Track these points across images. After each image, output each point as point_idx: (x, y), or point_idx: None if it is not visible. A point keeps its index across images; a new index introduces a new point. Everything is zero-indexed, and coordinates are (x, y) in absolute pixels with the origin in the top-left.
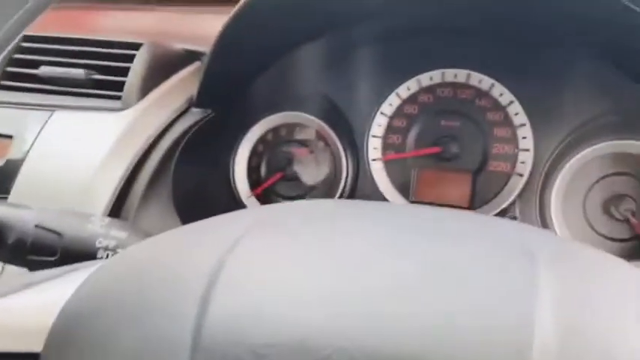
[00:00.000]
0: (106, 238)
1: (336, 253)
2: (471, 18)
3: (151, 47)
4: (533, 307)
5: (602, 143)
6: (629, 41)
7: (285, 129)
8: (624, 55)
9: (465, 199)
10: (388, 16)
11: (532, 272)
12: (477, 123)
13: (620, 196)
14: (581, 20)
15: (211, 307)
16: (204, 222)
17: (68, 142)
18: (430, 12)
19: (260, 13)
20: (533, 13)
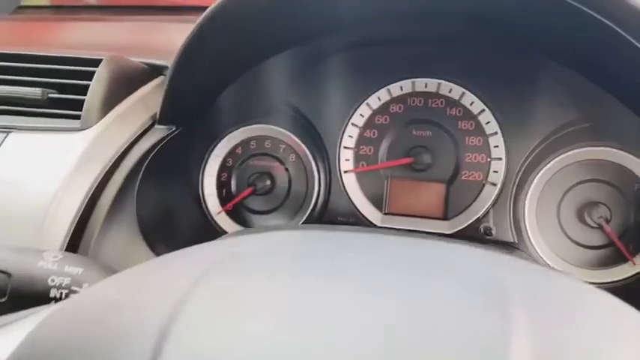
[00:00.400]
0: (60, 275)
1: (295, 306)
2: (441, 28)
3: (112, 63)
4: (508, 349)
5: (574, 150)
6: (595, 52)
7: (254, 142)
8: (591, 64)
9: (438, 210)
10: (357, 28)
11: (505, 313)
12: (449, 132)
13: (593, 203)
14: (546, 30)
15: None
16: (159, 261)
17: (24, 167)
18: (399, 23)
19: (223, 25)
20: (502, 24)
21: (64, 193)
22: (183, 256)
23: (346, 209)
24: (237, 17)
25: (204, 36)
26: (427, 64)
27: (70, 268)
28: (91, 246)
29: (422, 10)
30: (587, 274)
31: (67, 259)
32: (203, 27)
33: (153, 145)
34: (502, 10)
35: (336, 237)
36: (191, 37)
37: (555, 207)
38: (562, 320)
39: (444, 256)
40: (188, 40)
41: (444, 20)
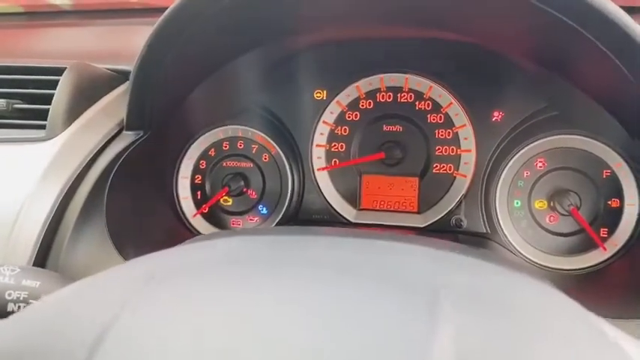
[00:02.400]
0: (17, 289)
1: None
2: (407, 26)
3: (75, 71)
4: (432, 346)
5: (542, 139)
6: (558, 48)
7: (227, 143)
8: (555, 59)
9: (412, 204)
10: (324, 27)
11: (433, 314)
12: (419, 126)
13: (563, 191)
14: (509, 28)
15: None
16: (98, 278)
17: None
18: (365, 22)
19: (184, 25)
20: (465, 22)
21: (31, 204)
22: (115, 274)
23: (320, 207)
24: (197, 17)
25: (165, 37)
26: (395, 59)
27: (28, 281)
28: (61, 256)
29: (385, 11)
30: (560, 261)
31: (24, 272)
32: (163, 28)
33: (121, 152)
34: (463, 10)
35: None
36: (152, 39)
37: (526, 196)
38: (490, 322)
39: (381, 258)
40: (149, 43)
41: (409, 20)
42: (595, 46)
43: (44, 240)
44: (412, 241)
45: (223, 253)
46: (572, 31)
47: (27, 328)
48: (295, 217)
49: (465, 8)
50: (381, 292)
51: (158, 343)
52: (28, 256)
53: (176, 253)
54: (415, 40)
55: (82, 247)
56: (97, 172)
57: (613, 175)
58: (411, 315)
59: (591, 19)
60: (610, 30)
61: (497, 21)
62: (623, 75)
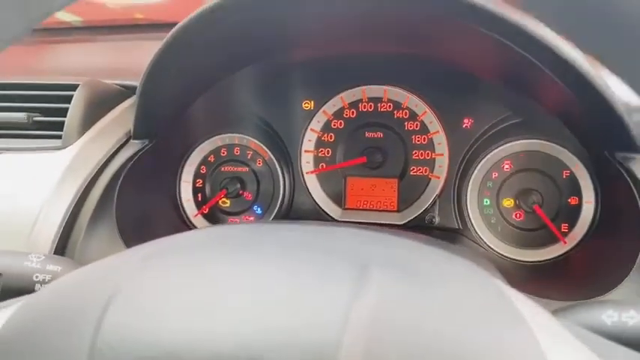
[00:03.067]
0: (42, 272)
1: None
2: (386, 45)
3: (87, 87)
4: (350, 308)
5: (508, 143)
6: (514, 72)
7: (225, 150)
8: (513, 79)
9: (392, 203)
10: (313, 45)
11: (357, 284)
12: (397, 133)
13: (528, 191)
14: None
15: (104, 326)
16: (101, 261)
17: (14, 183)
18: (350, 40)
19: (188, 46)
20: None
21: (50, 205)
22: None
23: (309, 207)
24: (199, 38)
25: (168, 56)
26: (375, 73)
27: (51, 266)
28: (76, 252)
29: (366, 31)
30: (525, 253)
31: (48, 259)
32: (167, 48)
33: (128, 159)
34: (431, 33)
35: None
36: (156, 58)
37: (495, 195)
38: (409, 292)
39: (326, 237)
40: (154, 61)
41: (388, 39)
42: (541, 70)
43: (61, 238)
44: (358, 227)
45: (202, 239)
46: (527, 60)
47: (39, 306)
48: (286, 217)
49: (431, 32)
50: (312, 265)
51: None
52: (48, 251)
53: (169, 239)
54: (393, 55)
55: (95, 244)
56: (108, 178)
57: (572, 175)
58: (335, 284)
59: (533, 45)
60: (551, 56)
61: (458, 43)
62: (569, 94)
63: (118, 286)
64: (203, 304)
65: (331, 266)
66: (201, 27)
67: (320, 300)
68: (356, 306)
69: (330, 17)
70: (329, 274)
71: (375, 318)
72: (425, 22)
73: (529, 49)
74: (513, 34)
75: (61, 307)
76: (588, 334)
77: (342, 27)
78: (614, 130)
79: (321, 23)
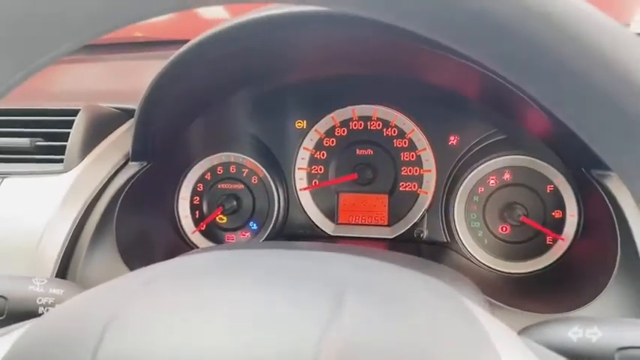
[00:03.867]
0: (45, 296)
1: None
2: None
3: (88, 111)
4: (326, 330)
5: (493, 159)
6: (493, 91)
7: (221, 168)
8: (495, 101)
9: (383, 218)
10: (305, 69)
11: (332, 302)
12: (387, 150)
13: (513, 204)
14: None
15: (100, 354)
16: (100, 287)
17: (17, 207)
18: (341, 64)
19: (185, 72)
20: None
21: (52, 227)
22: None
23: (303, 222)
24: (197, 63)
25: (167, 81)
26: (364, 93)
27: (54, 290)
28: (78, 272)
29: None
30: (509, 265)
31: (51, 282)
32: (166, 74)
33: (127, 180)
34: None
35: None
36: (155, 83)
37: (481, 209)
38: (380, 314)
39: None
40: (152, 86)
41: (376, 64)
42: (518, 93)
43: (63, 258)
44: (344, 250)
45: (194, 266)
46: (498, 81)
47: (39, 333)
48: (281, 232)
49: (413, 58)
50: (289, 291)
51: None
52: (50, 272)
53: (166, 265)
54: (381, 77)
55: (96, 264)
56: (107, 199)
57: (556, 189)
58: (308, 312)
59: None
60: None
61: (439, 68)
62: (546, 116)
63: (114, 313)
64: (189, 331)
65: (306, 294)
66: (199, 55)
67: (293, 329)
68: (328, 334)
69: (321, 44)
70: (303, 303)
71: (345, 344)
72: (405, 49)
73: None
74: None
75: (61, 334)
76: (550, 354)
77: (332, 52)
78: (590, 150)
79: (312, 50)
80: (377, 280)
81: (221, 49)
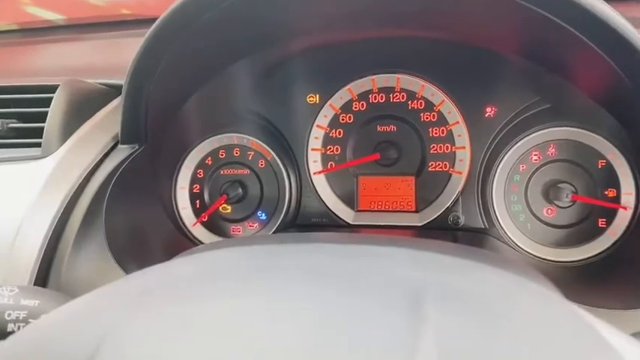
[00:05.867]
0: (16, 309)
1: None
2: (395, 24)
3: (68, 88)
4: (416, 346)
5: (536, 132)
6: (547, 46)
7: (223, 151)
8: (544, 56)
9: (409, 203)
10: (313, 32)
11: (415, 314)
12: (412, 125)
13: (560, 183)
14: (498, 27)
15: None
16: (89, 298)
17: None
18: (356, 24)
19: (173, 36)
20: (454, 18)
21: (30, 222)
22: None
23: (319, 210)
24: (185, 28)
25: (154, 50)
26: (385, 60)
27: (26, 301)
28: (62, 272)
29: (374, 16)
30: (558, 253)
31: (22, 292)
32: (152, 41)
33: (117, 166)
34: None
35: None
36: (141, 52)
37: (523, 190)
38: (472, 322)
39: (370, 265)
40: (138, 56)
41: (398, 22)
42: (587, 46)
43: (44, 257)
44: (397, 243)
45: (211, 268)
46: (563, 31)
47: (23, 348)
48: (294, 222)
49: (452, 9)
50: (364, 297)
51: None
52: (30, 273)
53: (167, 268)
54: (405, 39)
55: (83, 263)
56: (94, 188)
57: (608, 165)
58: (392, 318)
59: (582, 19)
60: (602, 32)
61: (485, 20)
62: (616, 75)
63: (108, 330)
64: None
65: (384, 300)
66: (190, 14)
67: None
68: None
69: None
70: (384, 310)
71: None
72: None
73: (573, 21)
74: (561, 8)
75: (48, 353)
76: None
77: (346, 8)
78: None
79: (322, 6)
80: (457, 282)
81: (215, 8)
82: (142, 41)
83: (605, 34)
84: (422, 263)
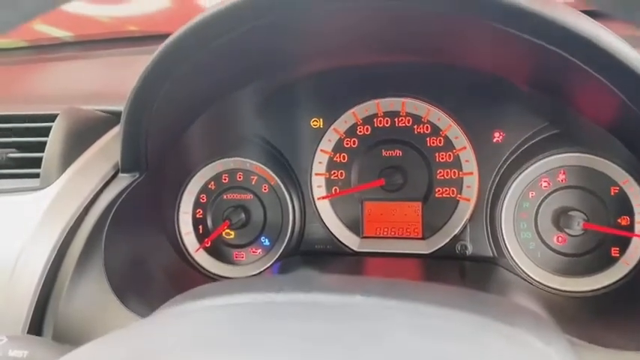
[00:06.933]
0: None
1: None
2: (402, 51)
3: (67, 116)
4: None
5: (546, 158)
6: (552, 76)
7: (226, 176)
8: (550, 86)
9: (416, 229)
10: (318, 58)
11: None
12: (418, 150)
13: (571, 211)
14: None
15: None
16: None
17: None
18: (361, 51)
19: (175, 65)
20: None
21: (27, 255)
22: None
23: (323, 236)
24: (188, 56)
25: (154, 78)
26: (390, 84)
27: (15, 351)
28: (60, 307)
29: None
30: (569, 282)
31: (11, 342)
32: (152, 70)
33: (117, 195)
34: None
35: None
36: (141, 81)
37: (532, 217)
38: None
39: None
40: (138, 85)
41: (406, 48)
42: (593, 76)
43: (42, 291)
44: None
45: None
46: (569, 62)
47: None
48: (298, 248)
49: (460, 39)
50: None
51: None
52: (27, 306)
53: (148, 332)
54: (410, 64)
55: (81, 297)
56: (94, 219)
57: (621, 192)
58: None
59: (586, 50)
60: (609, 63)
61: (492, 50)
62: (625, 105)
63: None
64: None
65: None
66: (195, 41)
67: None
68: None
69: (339, 24)
70: None
71: None
72: (448, 25)
73: (578, 53)
74: (558, 37)
75: None
76: None
77: (352, 33)
78: None
79: (329, 31)
80: None
81: (220, 35)
82: (141, 71)
83: (613, 66)
84: (421, 329)
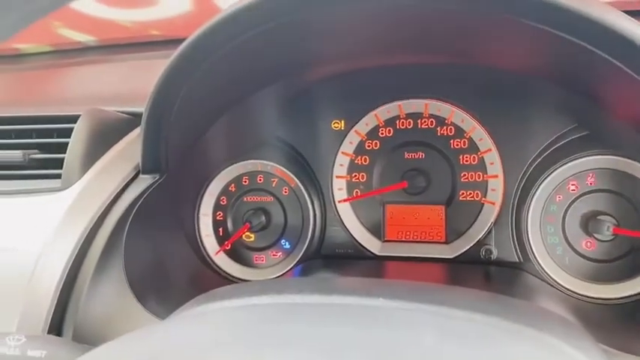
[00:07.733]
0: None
1: None
2: (425, 51)
3: (89, 117)
4: None
5: (574, 161)
6: (581, 73)
7: (247, 178)
8: (579, 84)
9: (439, 233)
10: (340, 59)
11: None
12: (442, 152)
13: (600, 215)
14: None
15: None
16: None
17: (7, 232)
18: (384, 51)
19: (195, 65)
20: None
21: (48, 256)
22: None
23: (344, 239)
24: (208, 57)
25: (178, 77)
26: (413, 84)
27: (33, 351)
28: (80, 307)
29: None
30: (598, 289)
31: (29, 341)
32: (176, 67)
33: (137, 197)
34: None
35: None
36: (163, 79)
37: (560, 222)
38: None
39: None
40: (160, 83)
41: (429, 49)
42: (627, 75)
43: (62, 291)
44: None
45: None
46: (597, 57)
47: None
48: (318, 252)
49: (487, 39)
50: None
51: None
52: (47, 307)
53: (167, 334)
54: (434, 65)
55: (101, 297)
56: (114, 221)
57: None
58: None
59: (618, 46)
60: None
61: (520, 49)
62: None
63: None
64: None
65: None
66: (214, 42)
67: None
68: None
69: (364, 25)
70: None
71: None
72: (476, 24)
73: (613, 51)
74: (593, 35)
75: None
76: None
77: (377, 36)
78: None
79: (353, 33)
80: None
81: (241, 34)
82: (161, 71)
83: None
84: (446, 333)
